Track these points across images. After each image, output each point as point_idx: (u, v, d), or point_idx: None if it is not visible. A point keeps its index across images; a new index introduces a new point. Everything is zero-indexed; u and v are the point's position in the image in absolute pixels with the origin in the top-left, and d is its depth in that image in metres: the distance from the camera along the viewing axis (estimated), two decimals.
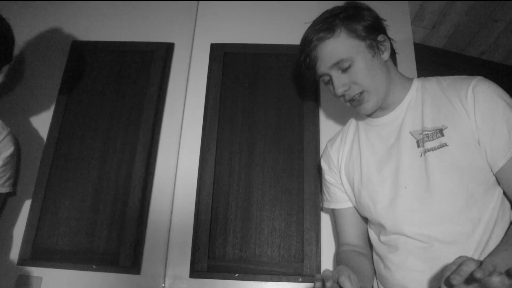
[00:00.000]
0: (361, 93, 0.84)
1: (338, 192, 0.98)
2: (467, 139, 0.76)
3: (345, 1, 0.89)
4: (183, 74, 1.37)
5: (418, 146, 0.81)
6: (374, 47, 0.83)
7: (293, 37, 1.39)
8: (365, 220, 0.96)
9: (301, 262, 1.12)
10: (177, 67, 1.37)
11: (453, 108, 0.79)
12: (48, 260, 1.13)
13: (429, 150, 0.79)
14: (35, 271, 1.11)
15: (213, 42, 1.41)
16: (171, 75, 1.36)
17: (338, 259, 0.95)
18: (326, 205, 1.02)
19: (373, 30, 0.84)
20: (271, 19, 1.44)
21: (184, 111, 1.33)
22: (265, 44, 1.39)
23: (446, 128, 0.78)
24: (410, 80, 0.90)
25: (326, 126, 1.28)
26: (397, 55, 0.93)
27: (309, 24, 0.88)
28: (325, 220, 1.17)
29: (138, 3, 1.47)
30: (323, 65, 0.84)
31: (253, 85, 1.34)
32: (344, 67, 0.82)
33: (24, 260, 1.12)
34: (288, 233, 1.16)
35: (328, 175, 1.01)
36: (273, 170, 1.23)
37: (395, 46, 0.91)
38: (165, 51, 1.37)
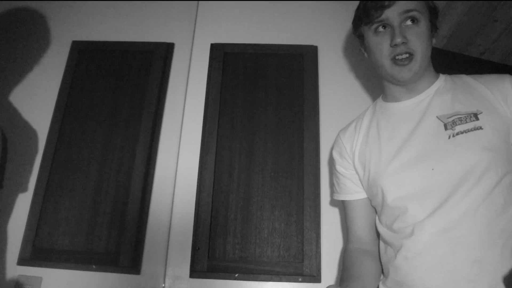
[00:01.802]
0: (410, 55, 0.84)
1: (348, 183, 0.97)
2: (502, 125, 0.79)
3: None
4: (183, 74, 1.37)
5: (446, 129, 0.82)
6: (433, 26, 0.88)
7: (293, 37, 1.40)
8: (374, 212, 0.95)
9: (301, 262, 1.12)
10: (177, 67, 1.37)
11: (488, 96, 0.82)
12: (48, 260, 1.13)
13: (461, 133, 0.80)
14: (35, 271, 1.11)
15: (213, 42, 1.41)
16: (171, 75, 1.36)
17: (343, 261, 0.95)
18: (336, 196, 1.01)
19: (436, 13, 0.89)
20: (271, 19, 1.44)
21: (184, 111, 1.33)
22: (265, 44, 1.39)
23: (481, 113, 0.80)
24: (438, 73, 0.93)
25: (326, 126, 1.28)
26: None
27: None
28: (325, 220, 1.17)
29: (138, 3, 1.47)
30: (397, 8, 0.83)
31: (253, 85, 1.34)
32: (414, 18, 0.83)
33: (24, 260, 1.12)
34: (288, 233, 1.16)
35: (339, 165, 0.99)
36: (273, 170, 1.23)
37: None
38: (165, 51, 1.37)
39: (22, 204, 1.18)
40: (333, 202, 1.20)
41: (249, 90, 1.33)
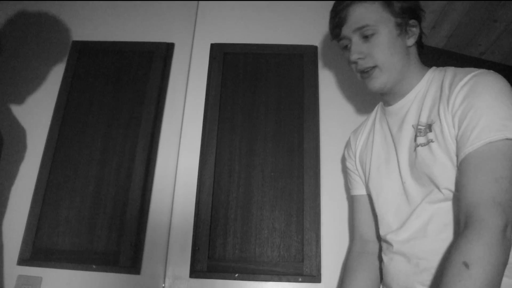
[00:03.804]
0: (373, 67, 0.83)
1: (357, 178, 1.00)
2: (448, 136, 0.72)
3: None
4: (183, 74, 1.37)
5: (414, 141, 0.80)
6: (403, 28, 0.83)
7: (293, 37, 1.40)
8: None
9: (301, 262, 1.12)
10: (177, 67, 1.37)
11: (445, 101, 0.74)
12: (48, 260, 1.13)
13: (418, 146, 0.78)
14: (35, 271, 1.11)
15: (213, 42, 1.41)
16: (171, 75, 1.36)
17: (345, 266, 0.96)
18: (352, 192, 1.02)
19: (408, 12, 0.83)
20: (271, 19, 1.44)
21: (184, 111, 1.33)
22: (265, 44, 1.39)
23: (434, 123, 0.76)
24: (425, 70, 0.86)
25: (326, 126, 1.28)
26: None
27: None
28: (325, 220, 1.17)
29: (138, 3, 1.47)
30: (348, 27, 0.83)
31: (253, 85, 1.34)
32: (366, 34, 0.81)
33: (24, 260, 1.12)
34: (288, 233, 1.16)
35: (349, 162, 1.03)
36: (273, 170, 1.23)
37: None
38: (165, 51, 1.37)
39: (22, 204, 1.18)
40: (333, 202, 1.20)
41: (249, 90, 1.33)
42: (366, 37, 0.82)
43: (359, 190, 0.99)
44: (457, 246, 0.59)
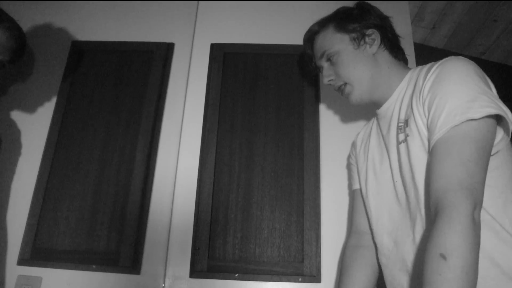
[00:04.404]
0: (344, 84, 0.89)
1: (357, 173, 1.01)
2: (422, 127, 0.72)
3: (348, 1, 0.94)
4: (183, 74, 1.37)
5: (396, 139, 0.81)
6: (359, 40, 0.87)
7: (293, 37, 1.40)
8: None
9: (301, 262, 1.12)
10: (177, 67, 1.37)
11: (418, 93, 0.74)
12: (48, 260, 1.12)
13: (400, 143, 0.78)
14: (35, 271, 1.11)
15: (213, 42, 1.41)
16: (171, 75, 1.36)
17: (342, 261, 0.96)
18: (353, 187, 1.03)
19: (362, 24, 0.87)
20: (271, 19, 1.44)
21: (184, 111, 1.33)
22: (265, 44, 1.39)
23: (409, 117, 0.76)
24: (407, 71, 0.88)
25: (326, 126, 1.28)
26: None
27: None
28: (325, 220, 1.17)
29: (138, 3, 1.47)
30: (316, 57, 0.95)
31: (253, 85, 1.34)
32: (329, 58, 0.90)
33: (24, 260, 1.12)
34: (288, 233, 1.16)
35: (352, 155, 1.05)
36: (273, 170, 1.23)
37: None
38: (165, 51, 1.37)
39: (22, 204, 1.18)
40: (333, 203, 1.20)
41: (249, 90, 1.33)
42: (330, 61, 0.90)
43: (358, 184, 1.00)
44: (432, 238, 0.59)
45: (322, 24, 0.93)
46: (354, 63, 0.86)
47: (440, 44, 1.77)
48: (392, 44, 0.90)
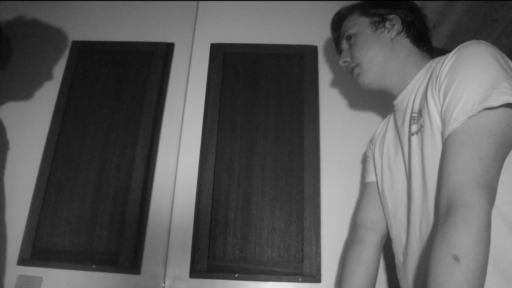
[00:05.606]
0: (355, 66, 0.90)
1: (373, 165, 0.99)
2: (436, 116, 0.68)
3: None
4: (183, 74, 1.37)
5: (409, 130, 0.78)
6: (378, 23, 0.87)
7: (293, 37, 1.40)
8: None
9: (301, 262, 1.12)
10: (177, 67, 1.37)
11: (434, 81, 0.70)
12: (48, 260, 1.13)
13: (412, 135, 0.75)
14: (35, 271, 1.11)
15: (213, 42, 1.40)
16: (171, 75, 1.36)
17: (345, 257, 0.94)
18: (366, 180, 1.01)
19: (385, 8, 0.88)
20: (271, 19, 1.44)
21: (184, 111, 1.33)
22: (265, 44, 1.39)
23: (423, 107, 0.72)
24: (427, 61, 0.84)
25: (326, 126, 1.28)
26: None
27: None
28: (325, 220, 1.17)
29: (138, 3, 1.46)
30: (340, 40, 0.97)
31: (253, 85, 1.34)
32: (349, 36, 0.92)
33: (24, 260, 1.12)
34: (288, 233, 1.16)
35: (369, 149, 1.04)
36: (273, 170, 1.23)
37: None
38: (165, 51, 1.37)
39: (22, 204, 1.18)
40: (333, 203, 1.20)
41: (249, 90, 1.33)
42: (349, 39, 0.92)
43: (373, 177, 0.97)
44: (445, 236, 0.55)
45: (350, 8, 0.94)
46: (368, 45, 0.86)
47: (440, 44, 1.76)
48: (418, 33, 0.87)
